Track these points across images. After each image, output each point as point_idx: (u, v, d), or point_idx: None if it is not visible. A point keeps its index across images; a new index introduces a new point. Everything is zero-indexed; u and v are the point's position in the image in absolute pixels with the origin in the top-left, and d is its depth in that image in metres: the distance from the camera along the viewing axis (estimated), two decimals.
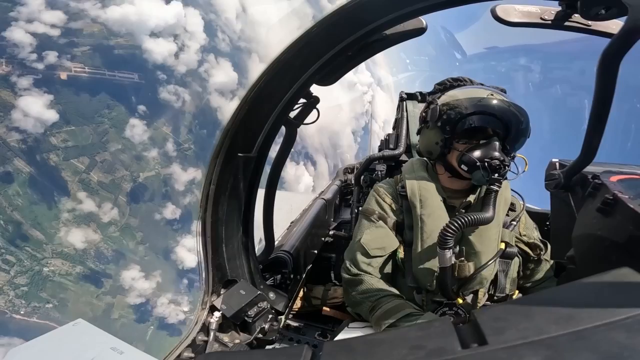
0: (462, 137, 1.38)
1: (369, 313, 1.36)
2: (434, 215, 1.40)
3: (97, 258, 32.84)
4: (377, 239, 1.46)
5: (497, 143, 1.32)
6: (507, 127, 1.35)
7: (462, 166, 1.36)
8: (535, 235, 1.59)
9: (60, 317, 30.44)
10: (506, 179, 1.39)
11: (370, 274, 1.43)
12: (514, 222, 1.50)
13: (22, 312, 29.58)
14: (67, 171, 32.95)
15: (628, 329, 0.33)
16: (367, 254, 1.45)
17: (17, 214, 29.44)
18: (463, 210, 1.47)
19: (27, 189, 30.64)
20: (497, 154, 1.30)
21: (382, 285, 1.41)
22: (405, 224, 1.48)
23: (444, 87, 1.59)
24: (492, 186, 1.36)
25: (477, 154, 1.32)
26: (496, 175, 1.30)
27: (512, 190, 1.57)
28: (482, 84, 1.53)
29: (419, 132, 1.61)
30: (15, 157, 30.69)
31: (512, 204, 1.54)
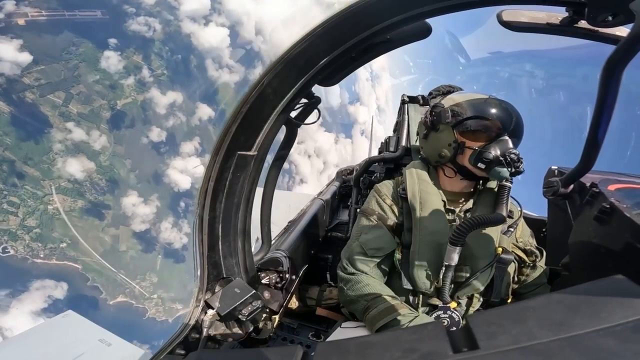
0: (478, 135, 1.40)
1: (363, 313, 1.36)
2: (434, 219, 1.40)
3: (94, 190, 33.85)
4: (376, 239, 1.47)
5: (509, 139, 1.36)
6: (515, 124, 1.40)
7: (480, 164, 1.37)
8: (531, 241, 1.60)
9: (76, 255, 31.91)
10: (522, 172, 1.41)
11: (366, 273, 1.44)
12: (511, 229, 1.51)
13: (41, 256, 30.86)
14: (45, 106, 33.79)
15: (618, 336, 0.33)
16: (364, 254, 1.45)
17: (9, 153, 30.10)
18: (462, 215, 1.47)
19: (11, 127, 31.36)
20: (513, 149, 1.34)
21: (378, 285, 1.41)
22: (405, 226, 1.48)
23: (439, 91, 1.62)
24: (506, 183, 1.42)
25: (495, 149, 1.35)
26: (515, 169, 1.35)
27: (511, 197, 1.58)
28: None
29: (425, 137, 1.58)
30: None
31: (510, 211, 1.54)
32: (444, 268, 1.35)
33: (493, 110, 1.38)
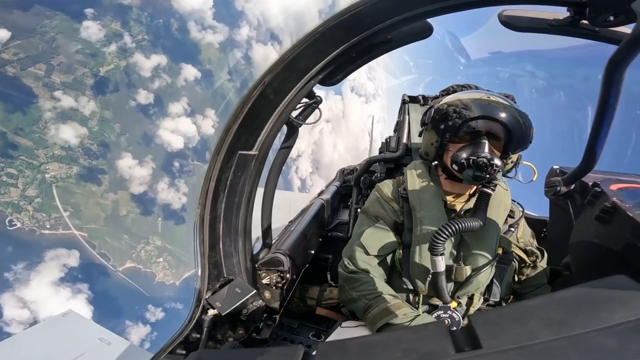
0: (454, 138, 1.39)
1: (364, 312, 1.36)
2: (434, 218, 1.40)
3: (88, 155, 34.24)
4: (377, 238, 1.47)
5: (485, 142, 1.30)
6: (500, 128, 1.32)
7: (453, 166, 1.36)
8: (532, 241, 1.60)
9: (80, 223, 32.50)
10: (495, 178, 1.38)
11: (367, 272, 1.43)
12: (512, 229, 1.51)
13: (48, 226, 31.27)
14: (28, 79, 34.01)
15: (619, 335, 0.33)
16: (365, 253, 1.45)
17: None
18: (462, 214, 1.47)
19: None
20: (484, 152, 1.28)
21: (379, 284, 1.41)
22: (405, 226, 1.48)
23: (447, 92, 1.58)
24: (484, 189, 1.37)
25: (464, 152, 1.32)
26: (482, 173, 1.29)
27: (512, 200, 1.57)
28: (488, 91, 1.50)
29: (420, 135, 1.63)
30: None
31: (511, 211, 1.54)
32: (430, 276, 1.35)
33: (474, 112, 1.31)
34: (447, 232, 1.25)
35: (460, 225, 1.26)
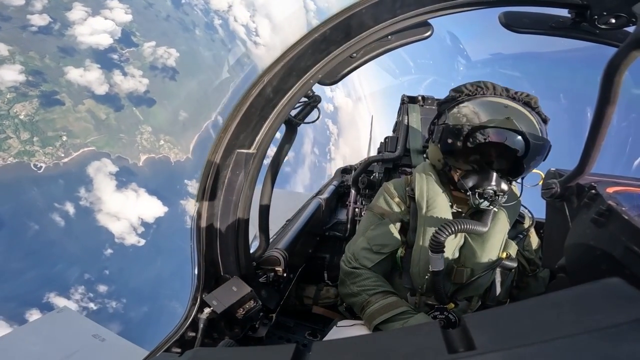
0: (461, 161, 1.36)
1: (363, 307, 1.36)
2: (439, 220, 1.39)
3: (33, 86, 33.74)
4: (381, 236, 1.48)
5: (494, 174, 1.29)
6: (511, 155, 1.28)
7: (461, 189, 1.37)
8: (539, 252, 1.59)
9: (81, 141, 33.43)
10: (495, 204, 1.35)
11: (370, 269, 1.45)
12: (521, 235, 1.51)
13: (63, 156, 32.18)
14: None
15: (613, 338, 0.33)
16: (369, 250, 1.47)
17: None
18: (468, 218, 1.43)
19: None
20: (492, 184, 1.28)
21: (381, 281, 1.42)
22: (410, 225, 1.49)
23: (459, 95, 1.42)
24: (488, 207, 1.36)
25: (472, 181, 1.31)
26: (486, 204, 1.32)
27: (522, 206, 1.55)
28: (507, 89, 1.37)
29: (426, 141, 1.61)
30: None
31: (521, 216, 1.54)
32: (428, 274, 1.35)
33: (481, 137, 1.26)
34: (449, 230, 1.24)
35: (463, 226, 1.25)
